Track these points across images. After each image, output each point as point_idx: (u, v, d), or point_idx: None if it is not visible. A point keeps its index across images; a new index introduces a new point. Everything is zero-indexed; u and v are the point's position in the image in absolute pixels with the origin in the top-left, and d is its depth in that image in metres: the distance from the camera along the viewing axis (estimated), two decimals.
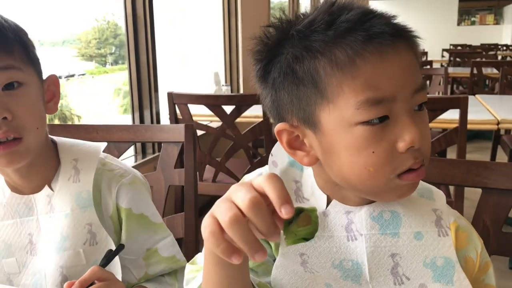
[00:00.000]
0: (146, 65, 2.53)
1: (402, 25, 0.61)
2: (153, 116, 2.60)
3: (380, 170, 0.59)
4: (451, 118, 1.98)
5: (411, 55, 0.60)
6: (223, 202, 0.51)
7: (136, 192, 0.93)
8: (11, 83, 0.78)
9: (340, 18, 0.59)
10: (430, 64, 4.28)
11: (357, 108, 0.57)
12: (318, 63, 0.59)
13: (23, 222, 0.89)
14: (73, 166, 0.89)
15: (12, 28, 0.80)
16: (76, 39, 4.93)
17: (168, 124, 2.15)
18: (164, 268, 0.94)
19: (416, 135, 0.57)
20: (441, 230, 0.67)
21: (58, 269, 0.88)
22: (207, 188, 2.23)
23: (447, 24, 11.70)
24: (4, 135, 0.76)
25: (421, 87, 0.60)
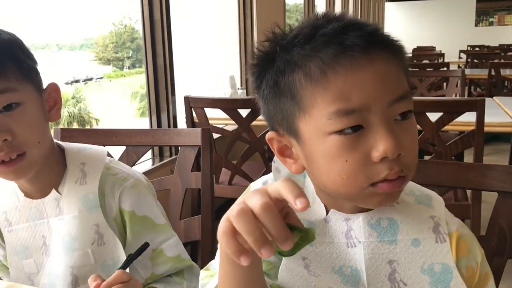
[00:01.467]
0: (163, 69, 2.56)
1: (382, 36, 0.62)
2: (170, 119, 2.63)
3: (353, 178, 0.61)
4: (468, 121, 1.96)
5: (390, 65, 0.61)
6: (237, 205, 0.53)
7: (139, 195, 0.95)
8: (9, 105, 0.79)
9: (319, 32, 0.61)
10: (447, 66, 4.24)
11: (329, 119, 0.59)
12: (295, 75, 0.61)
13: (36, 225, 0.93)
14: (80, 169, 0.93)
15: (4, 43, 0.80)
16: (94, 43, 5.00)
17: (185, 128, 2.17)
18: (170, 267, 0.96)
19: (390, 145, 0.58)
20: (439, 237, 0.68)
21: (68, 269, 0.91)
22: (223, 190, 2.25)
23: (464, 25, 11.56)
24: (7, 156, 0.79)
25: (401, 96, 0.60)
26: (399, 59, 0.63)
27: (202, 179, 1.27)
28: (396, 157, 0.59)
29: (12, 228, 0.94)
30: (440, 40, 8.95)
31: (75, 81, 5.72)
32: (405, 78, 0.64)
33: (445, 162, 0.98)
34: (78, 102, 6.29)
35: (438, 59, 5.91)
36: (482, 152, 1.84)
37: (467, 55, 6.97)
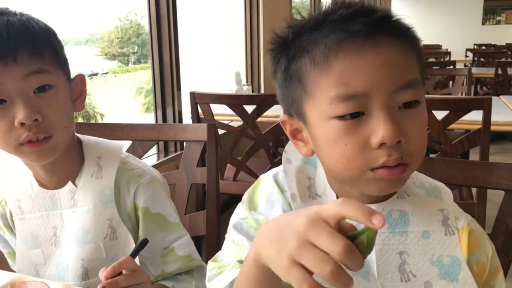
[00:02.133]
0: (169, 64, 2.56)
1: (391, 23, 0.62)
2: (176, 115, 2.63)
3: (352, 162, 0.61)
4: (474, 119, 1.96)
5: (397, 52, 0.61)
6: (308, 250, 0.48)
7: (154, 192, 0.95)
8: (43, 86, 0.81)
9: (329, 18, 0.62)
10: (453, 64, 4.22)
11: (330, 103, 0.60)
12: (303, 60, 0.63)
13: (48, 215, 0.93)
14: (97, 163, 0.93)
15: (42, 30, 0.84)
16: (99, 38, 5.01)
17: (191, 124, 2.17)
18: (180, 266, 0.96)
19: (388, 131, 0.58)
20: (448, 229, 0.69)
21: (79, 261, 0.92)
22: (228, 186, 2.25)
23: (471, 23, 11.49)
24: (35, 136, 0.80)
25: (406, 84, 0.60)
26: (410, 46, 0.63)
27: (208, 175, 1.27)
28: (396, 143, 0.59)
29: (24, 217, 0.94)
30: (447, 39, 8.92)
31: None
32: (416, 66, 0.63)
33: (451, 160, 0.97)
34: None
35: (445, 57, 5.89)
36: (488, 151, 1.84)
37: (473, 54, 6.93)
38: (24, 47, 0.79)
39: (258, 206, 0.76)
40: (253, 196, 0.77)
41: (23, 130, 0.79)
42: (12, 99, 0.78)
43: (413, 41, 0.64)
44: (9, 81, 0.78)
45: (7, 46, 0.77)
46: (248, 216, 0.75)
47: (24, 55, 0.78)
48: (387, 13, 0.63)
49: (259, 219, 0.74)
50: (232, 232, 0.75)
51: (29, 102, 0.79)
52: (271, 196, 0.75)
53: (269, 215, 0.74)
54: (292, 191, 0.73)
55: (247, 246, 0.72)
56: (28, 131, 0.79)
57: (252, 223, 0.74)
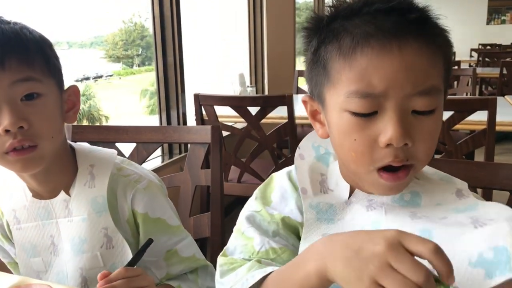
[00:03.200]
0: (173, 66, 2.56)
1: (423, 26, 0.61)
2: (180, 117, 2.63)
3: (361, 157, 0.63)
4: (479, 120, 1.95)
5: (421, 57, 0.60)
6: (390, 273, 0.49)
7: (151, 197, 0.94)
8: (31, 94, 0.80)
9: (365, 9, 0.62)
10: (458, 65, 4.21)
11: (347, 97, 0.61)
12: (331, 47, 0.64)
13: (44, 224, 0.93)
14: (89, 171, 0.92)
15: (35, 39, 0.83)
16: (104, 41, 5.03)
17: (195, 126, 2.17)
18: (184, 267, 0.96)
19: (396, 133, 0.59)
20: (462, 197, 0.69)
21: (78, 270, 0.92)
22: (232, 188, 2.25)
23: (475, 23, 11.45)
24: (20, 143, 0.79)
25: (423, 92, 0.60)
26: (437, 52, 0.62)
27: (212, 176, 1.27)
28: (403, 146, 0.60)
29: (21, 226, 0.94)
30: (451, 38, 8.89)
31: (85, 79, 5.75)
32: (439, 73, 0.63)
33: (456, 161, 0.97)
34: (88, 99, 6.32)
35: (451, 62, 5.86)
36: (493, 151, 1.83)
37: (478, 54, 6.90)
38: (13, 54, 0.78)
39: (271, 201, 0.76)
40: (265, 193, 0.78)
41: (8, 137, 0.78)
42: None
43: (442, 48, 0.63)
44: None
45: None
46: (262, 209, 0.75)
47: (13, 62, 0.78)
48: (423, 14, 0.62)
49: (274, 213, 0.75)
50: (244, 224, 0.75)
51: (15, 109, 0.78)
52: (285, 192, 0.76)
53: (283, 211, 0.75)
54: (302, 185, 0.74)
55: (258, 240, 0.72)
56: (13, 138, 0.78)
57: (266, 216, 0.75)
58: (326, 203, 0.73)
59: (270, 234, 0.73)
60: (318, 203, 0.73)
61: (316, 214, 0.72)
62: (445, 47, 0.64)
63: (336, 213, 0.72)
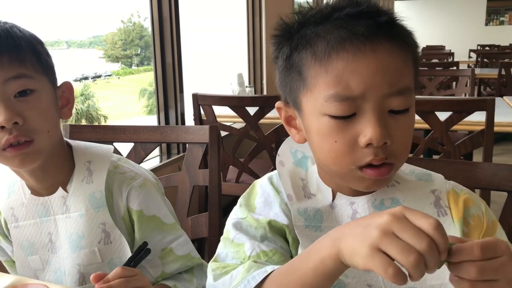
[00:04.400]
0: (172, 66, 2.56)
1: (393, 28, 0.63)
2: (178, 117, 2.63)
3: (341, 158, 0.64)
4: (477, 120, 1.95)
5: (394, 58, 0.62)
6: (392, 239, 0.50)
7: (146, 194, 0.95)
8: (24, 91, 0.81)
9: (335, 14, 0.63)
10: (457, 65, 4.21)
11: (326, 101, 0.62)
12: (305, 53, 0.65)
13: (42, 222, 0.93)
14: (87, 167, 0.93)
15: (25, 37, 0.84)
16: (103, 41, 5.03)
17: (193, 126, 2.17)
18: (179, 266, 0.96)
19: (376, 133, 0.61)
20: (440, 210, 0.71)
21: (75, 267, 0.92)
22: (230, 188, 2.25)
23: (474, 24, 11.46)
24: (15, 139, 0.80)
25: (399, 91, 0.62)
26: (407, 53, 0.64)
27: (210, 176, 1.27)
28: (382, 145, 0.62)
29: (19, 224, 0.94)
30: (450, 39, 8.91)
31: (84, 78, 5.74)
32: (410, 73, 0.65)
33: (455, 161, 0.97)
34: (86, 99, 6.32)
35: (448, 58, 5.87)
36: (491, 152, 1.83)
37: (477, 55, 6.91)
38: (4, 52, 0.79)
39: (255, 208, 0.77)
40: (249, 200, 0.79)
41: (3, 133, 0.79)
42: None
43: (411, 48, 0.66)
44: None
45: None
46: (247, 216, 0.76)
47: (4, 60, 0.79)
48: (391, 17, 0.64)
49: (259, 219, 0.75)
50: (231, 231, 0.76)
51: (9, 106, 0.79)
52: (268, 197, 0.77)
53: (268, 215, 0.75)
54: (288, 191, 0.75)
55: (249, 245, 0.72)
56: (8, 134, 0.79)
57: (251, 221, 0.75)
58: (312, 208, 0.74)
59: (258, 238, 0.73)
60: (305, 209, 0.74)
61: (304, 221, 0.73)
62: (414, 47, 0.66)
63: (323, 219, 0.73)
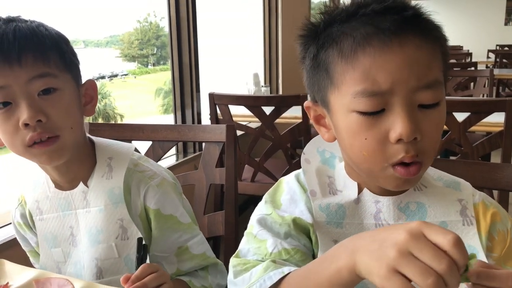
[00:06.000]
0: (189, 66, 2.58)
1: (420, 22, 0.63)
2: (195, 116, 2.65)
3: (373, 156, 0.64)
4: (495, 121, 1.93)
5: (422, 52, 0.62)
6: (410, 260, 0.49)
7: (164, 194, 0.96)
8: (47, 89, 0.83)
9: (360, 11, 0.63)
10: (475, 66, 4.16)
11: (354, 97, 0.62)
12: (331, 51, 0.65)
13: (65, 215, 0.96)
14: (107, 164, 0.95)
15: (51, 36, 0.86)
16: (119, 40, 5.08)
17: (210, 125, 2.19)
18: (194, 264, 0.97)
19: (406, 128, 0.60)
20: (466, 220, 0.70)
21: (93, 260, 0.94)
22: (246, 187, 2.26)
23: (493, 23, 11.30)
24: (39, 136, 0.82)
25: (428, 85, 0.61)
26: (435, 47, 0.64)
27: (226, 175, 1.28)
28: (412, 140, 0.61)
29: (43, 217, 0.97)
30: (468, 40, 8.79)
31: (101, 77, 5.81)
32: (439, 67, 0.64)
33: (473, 162, 0.97)
34: (103, 98, 6.38)
35: (466, 58, 5.80)
36: (510, 153, 1.81)
37: (495, 55, 6.81)
38: (29, 51, 0.81)
39: (281, 204, 0.77)
40: (274, 196, 0.79)
41: (27, 131, 0.81)
42: (17, 101, 0.81)
43: (440, 41, 0.65)
44: (15, 84, 0.80)
45: (12, 50, 0.79)
46: (272, 212, 0.76)
47: (29, 58, 0.81)
48: (417, 12, 0.64)
49: (284, 215, 0.75)
50: (255, 227, 0.76)
51: (33, 104, 0.81)
52: (294, 195, 0.77)
53: (293, 212, 0.75)
54: (311, 187, 0.75)
55: (271, 241, 0.73)
56: (32, 131, 0.81)
57: (277, 218, 0.75)
58: (335, 204, 0.73)
59: (282, 235, 0.73)
60: (328, 205, 0.74)
61: (326, 217, 0.73)
62: (442, 41, 0.66)
63: (345, 215, 0.73)
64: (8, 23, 0.82)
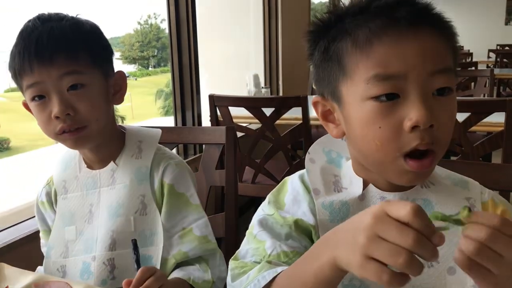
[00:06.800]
0: (189, 67, 2.58)
1: (432, 14, 0.65)
2: (195, 118, 2.65)
3: (386, 145, 0.63)
4: (496, 121, 1.93)
5: (436, 41, 0.63)
6: (378, 243, 0.49)
7: (180, 172, 1.03)
8: (75, 85, 0.91)
9: (374, 4, 0.65)
10: (475, 66, 4.15)
11: (367, 83, 0.63)
12: (344, 42, 0.65)
13: (88, 194, 1.03)
14: (137, 146, 1.04)
15: (83, 34, 0.94)
16: (120, 42, 5.09)
17: (209, 126, 2.19)
18: (195, 246, 0.99)
19: (422, 115, 0.60)
20: None
21: (109, 232, 0.99)
22: (246, 189, 2.26)
23: (494, 23, 11.29)
24: (68, 127, 0.92)
25: (442, 69, 0.62)
26: (447, 37, 0.65)
27: (226, 177, 1.28)
28: (428, 128, 0.61)
29: (67, 196, 1.04)
30: (469, 39, 8.78)
31: None
32: (451, 56, 0.65)
33: (473, 163, 0.97)
34: None
35: (466, 58, 5.81)
36: (511, 153, 1.81)
37: (496, 54, 6.81)
38: (61, 51, 0.90)
39: (284, 205, 0.77)
40: (278, 196, 0.79)
41: (58, 122, 0.91)
42: (50, 95, 0.90)
43: (450, 35, 0.67)
44: (47, 80, 0.89)
45: (46, 51, 0.89)
46: (275, 213, 0.76)
47: (60, 58, 0.89)
48: (430, 5, 0.66)
49: (286, 216, 0.75)
50: (256, 227, 0.76)
51: (63, 99, 0.90)
52: (297, 195, 0.77)
53: (296, 213, 0.75)
54: (315, 186, 0.75)
55: (270, 243, 0.72)
56: (63, 123, 0.91)
57: (278, 219, 0.75)
58: (339, 201, 0.73)
59: (283, 237, 0.73)
60: (331, 202, 0.73)
61: (329, 215, 0.73)
62: (452, 35, 0.67)
63: (349, 213, 0.72)
64: (45, 23, 0.91)
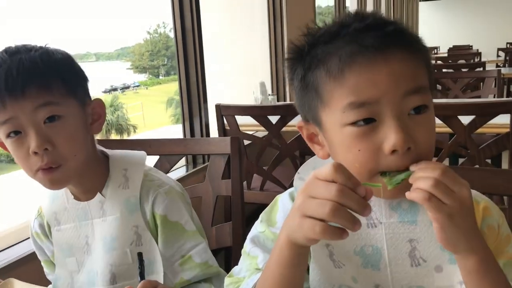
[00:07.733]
0: (195, 77, 2.61)
1: (401, 37, 0.65)
2: (203, 127, 2.68)
3: (365, 166, 0.65)
4: (502, 123, 1.92)
5: (406, 64, 0.64)
6: (309, 201, 0.57)
7: (171, 201, 1.00)
8: (52, 116, 0.87)
9: (343, 31, 0.65)
10: (483, 66, 4.13)
11: (343, 112, 0.64)
12: (318, 71, 0.67)
13: (81, 225, 1.01)
14: (123, 175, 1.00)
15: (53, 64, 0.89)
16: (131, 52, 5.15)
17: (215, 137, 2.21)
18: (197, 273, 1.00)
19: (399, 139, 0.61)
20: None
21: (108, 266, 0.98)
22: (255, 196, 2.27)
23: (504, 21, 11.18)
24: (46, 166, 0.87)
25: (415, 89, 0.63)
26: (418, 56, 0.66)
27: (232, 187, 1.30)
28: (406, 151, 0.62)
29: (61, 228, 1.02)
30: (478, 38, 8.71)
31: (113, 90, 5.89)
32: (424, 75, 0.66)
33: (470, 168, 0.98)
34: (116, 110, 6.47)
35: (475, 58, 5.76)
36: None
37: (505, 53, 6.75)
38: (33, 83, 0.85)
39: (276, 223, 0.80)
40: (270, 215, 0.82)
41: (36, 158, 0.87)
42: (26, 130, 0.86)
43: (421, 52, 0.68)
44: (21, 115, 0.85)
45: (16, 84, 0.84)
46: (266, 230, 0.79)
47: (32, 90, 0.85)
48: (398, 27, 0.66)
49: (277, 232, 0.76)
50: (249, 245, 0.79)
51: (40, 132, 0.86)
52: (287, 212, 0.78)
53: None
54: None
55: (262, 257, 0.76)
56: (41, 161, 0.87)
57: (269, 235, 0.78)
58: None
59: None
60: None
61: None
62: (424, 52, 0.68)
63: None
64: (12, 56, 0.86)
